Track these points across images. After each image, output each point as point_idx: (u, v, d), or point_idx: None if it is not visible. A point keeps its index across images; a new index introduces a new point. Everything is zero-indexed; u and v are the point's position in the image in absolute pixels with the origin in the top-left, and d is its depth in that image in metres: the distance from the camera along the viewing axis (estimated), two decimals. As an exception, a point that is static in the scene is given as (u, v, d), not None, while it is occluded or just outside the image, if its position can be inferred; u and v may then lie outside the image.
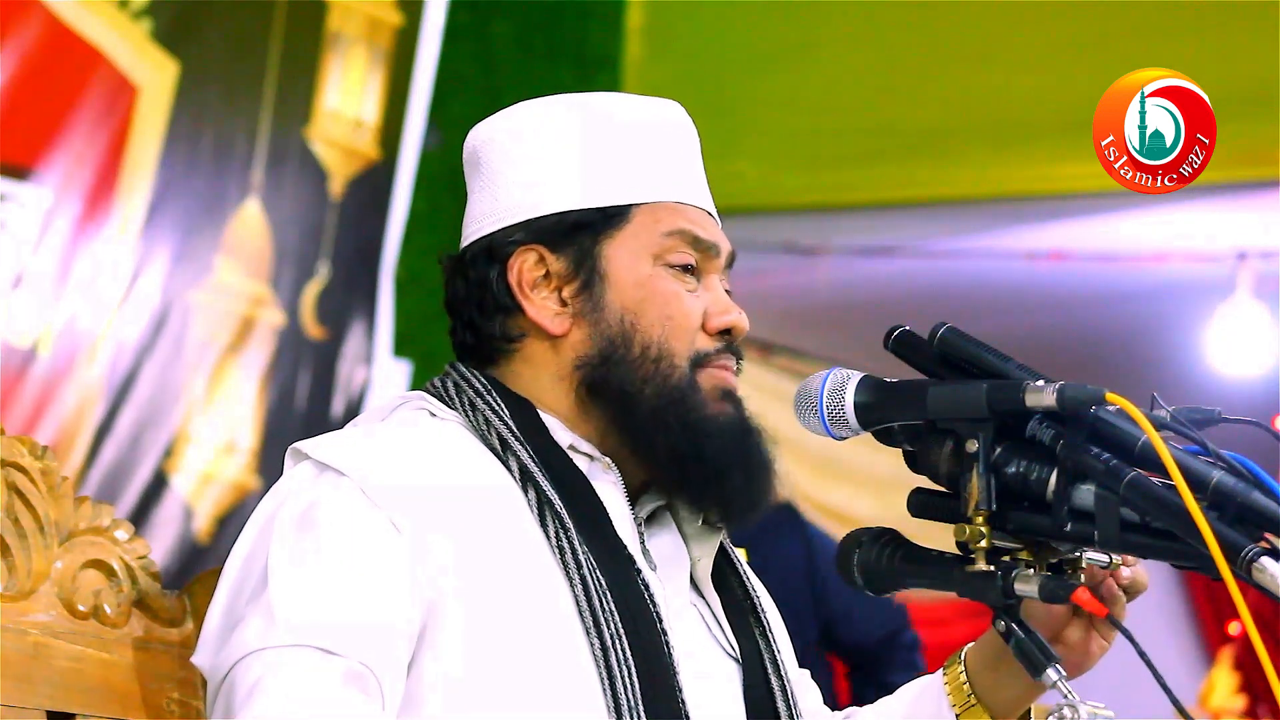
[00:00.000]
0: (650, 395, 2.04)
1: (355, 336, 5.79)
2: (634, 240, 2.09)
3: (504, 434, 2.03)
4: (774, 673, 2.09)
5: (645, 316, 2.07)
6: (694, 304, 2.09)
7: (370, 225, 5.84)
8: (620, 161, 2.11)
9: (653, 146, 2.14)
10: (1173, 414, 1.86)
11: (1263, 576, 1.73)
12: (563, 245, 2.09)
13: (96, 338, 5.05)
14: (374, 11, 5.82)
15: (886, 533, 1.99)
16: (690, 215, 2.12)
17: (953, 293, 7.16)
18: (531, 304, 2.09)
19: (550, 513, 1.99)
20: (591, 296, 2.08)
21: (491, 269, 2.11)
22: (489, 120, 2.20)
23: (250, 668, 1.85)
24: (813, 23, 6.38)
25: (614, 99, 2.19)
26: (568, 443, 2.06)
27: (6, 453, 2.03)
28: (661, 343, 2.06)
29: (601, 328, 2.07)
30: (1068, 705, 1.87)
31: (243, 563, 1.96)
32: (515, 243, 2.10)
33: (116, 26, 5.08)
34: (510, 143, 2.16)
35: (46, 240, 4.92)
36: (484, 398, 2.06)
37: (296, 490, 1.96)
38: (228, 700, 1.86)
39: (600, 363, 2.06)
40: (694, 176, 2.16)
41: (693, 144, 2.19)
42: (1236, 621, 8.01)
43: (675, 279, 2.08)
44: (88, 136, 5.02)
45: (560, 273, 2.09)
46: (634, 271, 2.08)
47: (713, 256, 2.12)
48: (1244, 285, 6.93)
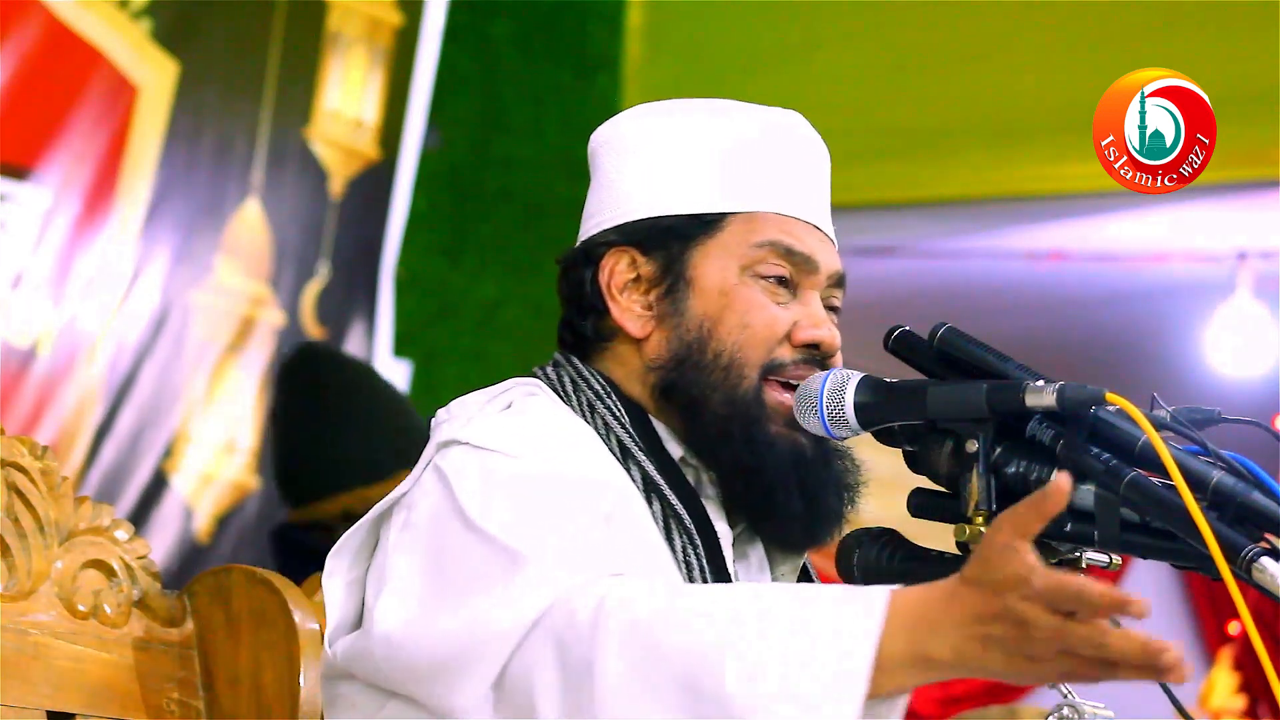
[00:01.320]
0: (718, 403, 2.03)
1: (355, 336, 5.79)
2: (724, 249, 2.08)
3: (625, 441, 2.03)
4: None
5: (724, 324, 2.06)
6: (779, 314, 2.07)
7: (370, 225, 5.84)
8: (721, 169, 2.11)
9: (760, 156, 2.12)
10: (1173, 414, 1.86)
11: (1263, 576, 1.73)
12: (654, 249, 2.09)
13: (96, 338, 5.05)
14: (374, 11, 5.82)
15: (886, 533, 1.99)
16: (788, 227, 2.10)
17: (953, 293, 7.16)
18: (617, 305, 2.09)
19: (678, 527, 1.99)
20: (675, 301, 2.08)
21: (586, 270, 2.11)
22: (611, 121, 2.19)
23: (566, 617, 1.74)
24: (813, 23, 6.38)
25: (736, 107, 2.18)
26: (679, 455, 2.06)
27: (6, 453, 2.03)
28: (735, 350, 2.05)
29: (680, 332, 2.07)
30: (1068, 705, 1.87)
31: (435, 542, 1.87)
32: (609, 244, 2.11)
33: (116, 26, 5.07)
34: (621, 145, 2.15)
35: (46, 240, 4.92)
36: (604, 401, 2.06)
37: (463, 471, 1.90)
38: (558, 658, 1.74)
39: (674, 366, 2.06)
40: (805, 189, 2.14)
41: (811, 156, 2.17)
42: (1236, 621, 8.02)
43: (763, 290, 2.07)
44: (87, 136, 5.02)
45: (649, 276, 2.09)
46: (720, 279, 2.07)
47: (809, 271, 2.09)
48: (1244, 285, 6.93)
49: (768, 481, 2.03)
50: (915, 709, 9.69)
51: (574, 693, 1.71)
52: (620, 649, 1.69)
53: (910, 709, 1.92)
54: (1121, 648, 1.59)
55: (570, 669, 1.71)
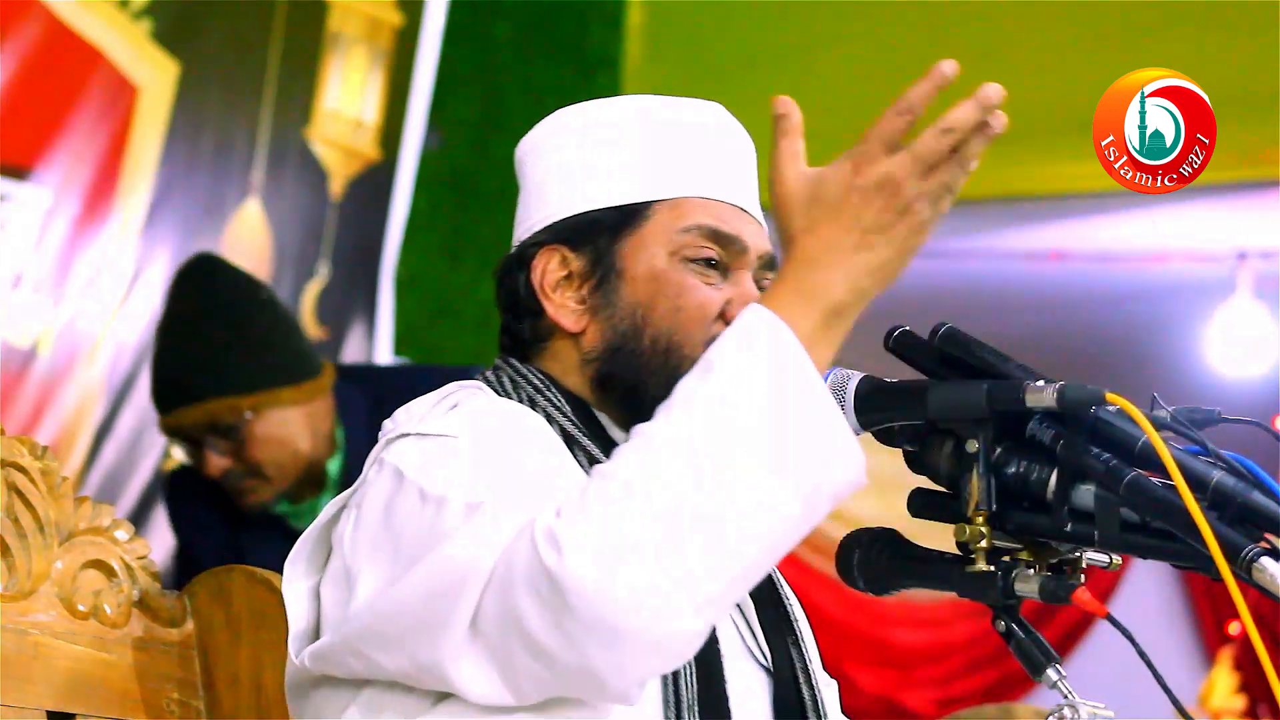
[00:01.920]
0: (655, 387, 2.03)
1: (355, 336, 5.79)
2: (651, 237, 2.09)
3: (569, 429, 2.04)
4: (805, 682, 2.09)
5: (656, 309, 2.07)
6: (710, 294, 2.08)
7: (370, 225, 5.84)
8: (643, 159, 2.12)
9: (681, 144, 2.13)
10: (1173, 414, 1.86)
11: (1263, 576, 1.73)
12: (582, 245, 2.10)
13: (96, 338, 5.05)
14: (374, 11, 5.82)
15: (886, 533, 1.99)
16: (714, 210, 2.11)
17: (953, 293, 7.16)
18: (551, 303, 2.10)
19: None
20: (607, 292, 2.09)
21: (520, 273, 2.12)
22: (533, 129, 2.20)
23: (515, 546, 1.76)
24: (813, 23, 6.39)
25: (654, 99, 2.19)
26: (622, 440, 2.07)
27: (6, 453, 2.03)
28: (671, 333, 2.06)
29: (614, 322, 2.08)
30: (1068, 705, 1.87)
31: (390, 527, 1.87)
32: (539, 245, 2.12)
33: (116, 26, 5.07)
34: (543, 149, 2.17)
35: (46, 240, 4.92)
36: (543, 393, 2.07)
37: (412, 455, 1.91)
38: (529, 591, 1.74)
39: (610, 356, 2.07)
40: (729, 174, 2.15)
41: (734, 143, 2.18)
42: (1236, 621, 8.01)
43: (693, 273, 2.08)
44: (87, 136, 5.02)
45: (580, 271, 2.10)
46: (649, 266, 2.08)
47: (739, 252, 2.10)
48: (1244, 285, 6.93)
49: None
50: (914, 709, 9.68)
51: (557, 601, 1.71)
52: (591, 538, 1.71)
53: (909, 709, 1.92)
54: (950, 119, 1.77)
55: (546, 586, 1.72)
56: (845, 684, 2.03)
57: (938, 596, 1.80)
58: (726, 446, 1.72)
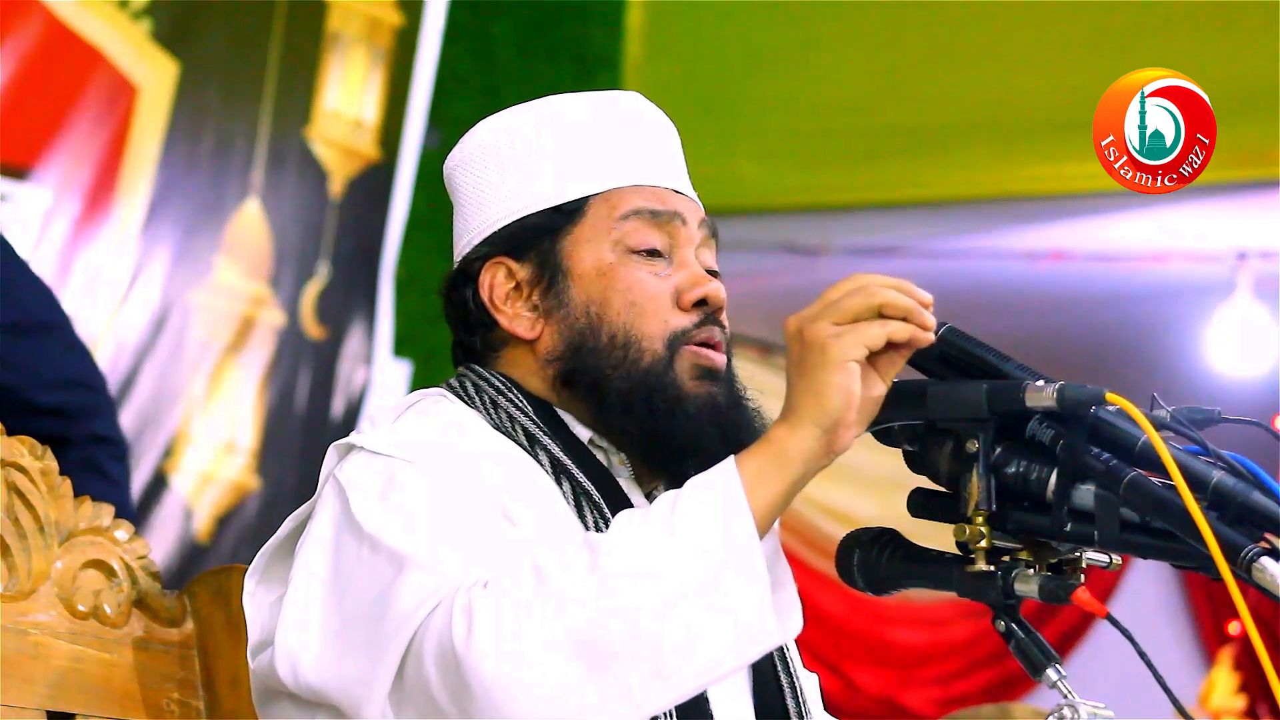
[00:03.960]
0: (619, 382, 2.05)
1: (355, 336, 5.79)
2: (592, 231, 2.10)
3: (530, 429, 2.06)
4: (783, 671, 2.10)
5: (610, 305, 2.08)
6: (660, 285, 2.09)
7: (370, 225, 5.84)
8: (569, 158, 2.13)
9: (603, 138, 2.15)
10: (1173, 414, 1.86)
11: (1263, 576, 1.73)
12: (525, 252, 2.12)
13: (96, 338, 5.05)
14: (374, 11, 5.82)
15: (886, 533, 1.99)
16: (648, 194, 2.12)
17: (953, 293, 7.15)
18: (504, 316, 2.12)
19: (589, 504, 2.02)
20: (557, 294, 2.10)
21: (467, 289, 2.14)
22: (457, 145, 2.23)
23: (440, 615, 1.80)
24: (813, 23, 6.39)
25: (563, 100, 2.21)
26: (587, 438, 2.08)
27: (6, 453, 2.03)
28: (629, 328, 2.07)
29: (570, 322, 2.09)
30: (1068, 705, 1.87)
31: (332, 559, 1.92)
32: (482, 259, 2.14)
33: (116, 26, 5.08)
34: (471, 162, 2.19)
35: (46, 240, 4.92)
36: (505, 395, 2.08)
37: (359, 480, 1.94)
38: (444, 656, 1.78)
39: (570, 355, 2.08)
40: (653, 158, 2.16)
41: (656, 128, 2.19)
42: (1236, 621, 8.01)
43: (640, 264, 2.09)
44: (87, 136, 5.02)
45: (527, 279, 2.11)
46: (595, 262, 2.09)
47: (678, 226, 2.12)
48: (1244, 285, 6.93)
49: (684, 441, 2.05)
50: (914, 709, 9.68)
51: (459, 681, 1.76)
52: (500, 627, 1.75)
53: (909, 709, 1.92)
54: (865, 277, 1.85)
55: (453, 664, 1.76)
56: (845, 684, 2.03)
57: (938, 596, 1.80)
58: (665, 604, 1.76)
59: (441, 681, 1.77)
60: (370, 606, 1.84)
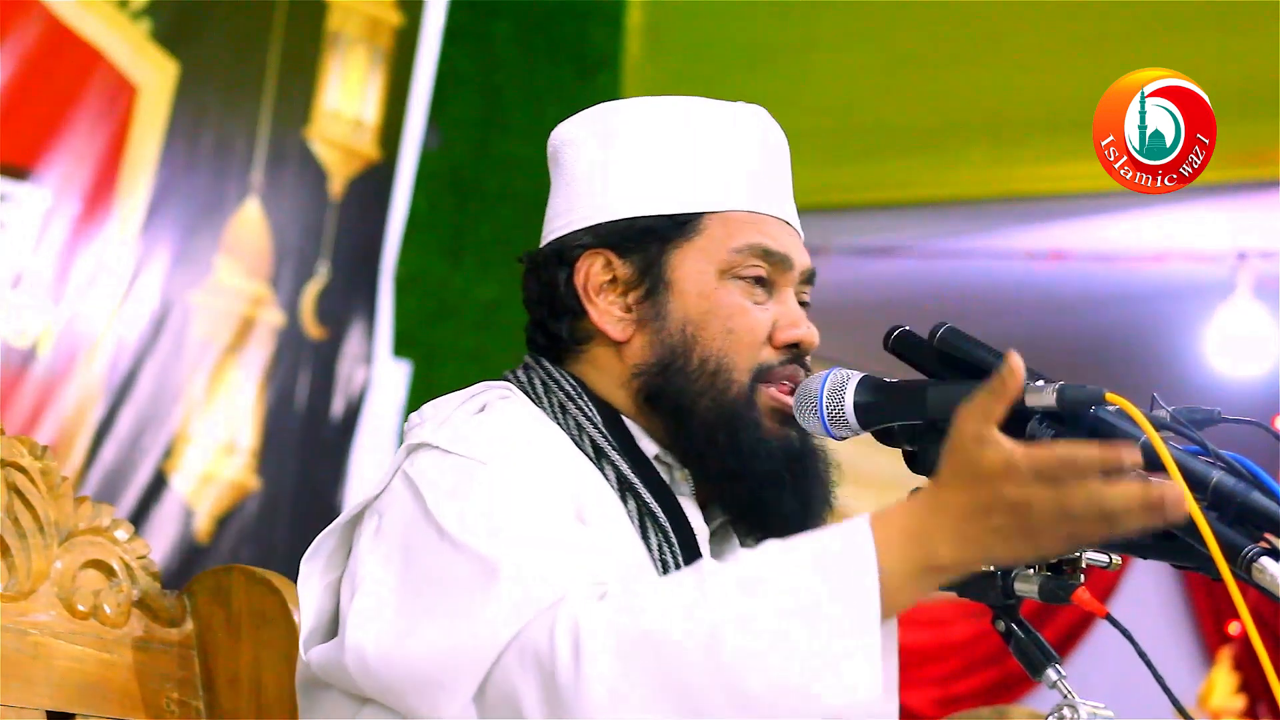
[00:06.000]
0: (705, 409, 2.02)
1: (355, 336, 5.79)
2: (703, 251, 2.06)
3: (599, 441, 2.02)
4: None
5: (708, 328, 2.04)
6: (760, 317, 2.06)
7: (370, 225, 5.84)
8: (695, 168, 2.09)
9: (732, 153, 2.11)
10: (1173, 414, 1.86)
11: (1263, 576, 1.73)
12: (630, 251, 2.07)
13: (96, 338, 5.05)
14: (374, 11, 5.82)
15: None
16: (765, 227, 2.08)
17: (953, 293, 7.16)
18: (596, 308, 2.07)
19: (654, 525, 1.99)
20: (655, 304, 2.06)
21: (560, 271, 2.09)
22: (571, 119, 2.16)
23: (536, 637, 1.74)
24: (813, 23, 6.39)
25: (698, 104, 2.15)
26: (653, 453, 2.05)
27: (6, 453, 2.03)
28: (721, 356, 2.04)
29: (663, 336, 2.05)
30: (1068, 705, 1.87)
31: (408, 556, 1.87)
32: (583, 246, 2.08)
33: (116, 26, 5.08)
34: (588, 143, 2.12)
35: (46, 240, 4.92)
36: (575, 401, 2.05)
37: (434, 477, 1.90)
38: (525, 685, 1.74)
39: (659, 371, 2.05)
40: (775, 186, 2.13)
41: (778, 152, 2.16)
42: (1236, 621, 8.01)
43: (742, 292, 2.06)
44: (87, 136, 5.03)
45: (626, 279, 2.07)
46: (700, 282, 2.06)
47: (785, 269, 2.08)
48: (1244, 285, 6.93)
49: (757, 484, 2.03)
50: (914, 709, 9.69)
51: (558, 706, 1.71)
52: (609, 669, 1.70)
53: (908, 709, 1.92)
54: (1122, 498, 1.61)
55: (553, 689, 1.72)
56: (845, 684, 2.02)
57: (938, 596, 1.79)
58: (773, 659, 1.68)
59: (539, 696, 1.73)
60: (452, 607, 1.80)
